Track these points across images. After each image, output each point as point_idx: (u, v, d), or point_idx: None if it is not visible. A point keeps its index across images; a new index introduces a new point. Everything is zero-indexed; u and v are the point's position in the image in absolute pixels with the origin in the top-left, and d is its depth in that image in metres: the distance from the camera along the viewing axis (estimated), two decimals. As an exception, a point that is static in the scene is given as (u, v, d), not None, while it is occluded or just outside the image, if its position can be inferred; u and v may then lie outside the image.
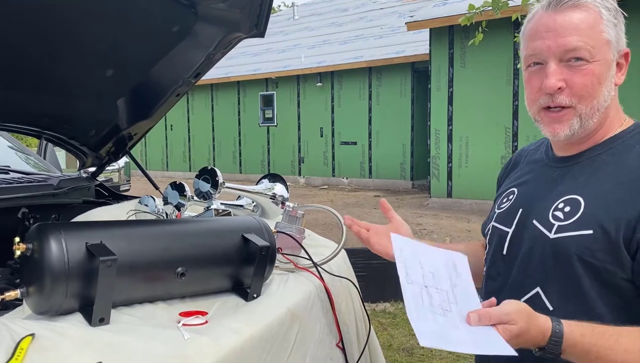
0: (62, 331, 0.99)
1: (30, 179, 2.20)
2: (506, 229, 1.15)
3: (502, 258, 1.14)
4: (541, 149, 1.22)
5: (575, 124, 1.04)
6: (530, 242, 1.08)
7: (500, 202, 1.23)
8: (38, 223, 1.10)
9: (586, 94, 1.02)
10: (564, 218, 1.03)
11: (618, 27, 1.04)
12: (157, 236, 1.21)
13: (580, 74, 1.01)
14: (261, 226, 1.37)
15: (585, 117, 1.04)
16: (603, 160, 1.06)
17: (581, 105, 1.03)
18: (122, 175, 4.82)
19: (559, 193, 1.07)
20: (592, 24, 1.01)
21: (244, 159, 15.23)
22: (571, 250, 1.00)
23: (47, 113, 2.13)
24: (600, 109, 1.04)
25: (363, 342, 1.59)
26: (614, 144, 1.07)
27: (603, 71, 1.02)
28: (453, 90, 9.38)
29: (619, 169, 1.03)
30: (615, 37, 1.04)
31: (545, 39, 1.03)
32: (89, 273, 1.05)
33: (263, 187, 1.94)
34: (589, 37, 1.01)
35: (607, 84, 1.03)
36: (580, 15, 1.01)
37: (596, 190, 1.03)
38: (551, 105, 1.05)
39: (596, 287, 0.99)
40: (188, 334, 1.04)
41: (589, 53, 1.01)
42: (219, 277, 1.28)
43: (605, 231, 0.97)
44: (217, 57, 2.21)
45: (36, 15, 1.65)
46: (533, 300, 1.04)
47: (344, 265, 1.72)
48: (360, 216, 8.61)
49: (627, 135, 1.07)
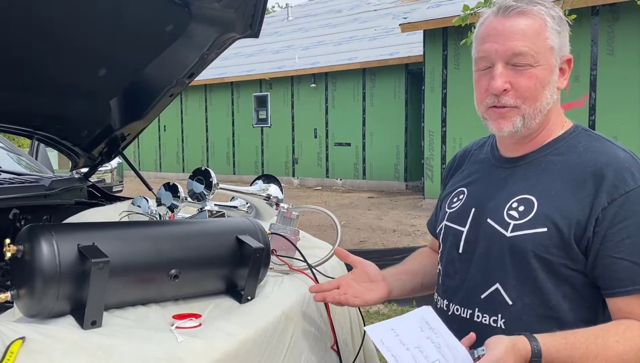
0: (53, 334, 0.98)
1: (22, 180, 2.18)
2: (460, 228, 1.19)
3: (459, 257, 1.18)
4: (486, 149, 1.28)
5: (518, 123, 1.10)
6: (487, 241, 1.13)
7: (450, 201, 1.27)
8: (29, 225, 1.08)
9: (530, 95, 1.08)
10: (519, 217, 1.09)
11: (562, 34, 1.11)
12: (150, 238, 1.19)
13: (524, 76, 1.07)
14: (255, 227, 1.36)
15: (528, 117, 1.10)
16: (550, 161, 1.12)
17: (525, 105, 1.09)
18: (115, 176, 4.80)
19: (511, 193, 1.13)
20: (538, 31, 1.07)
21: (237, 160, 15.19)
22: (527, 247, 1.06)
23: (38, 113, 2.11)
24: (543, 111, 1.10)
25: (358, 344, 1.58)
26: (558, 144, 1.14)
27: (546, 75, 1.08)
28: (447, 91, 9.40)
29: (564, 168, 1.09)
30: (559, 44, 1.10)
31: (493, 42, 1.09)
32: (81, 276, 1.03)
33: (257, 188, 1.93)
34: (533, 43, 1.07)
35: (549, 87, 1.10)
36: (527, 21, 1.07)
37: (547, 189, 1.09)
38: (497, 105, 1.11)
39: (550, 280, 1.06)
40: (181, 337, 1.02)
41: (533, 58, 1.07)
42: (213, 279, 1.27)
43: (558, 229, 1.04)
44: (211, 57, 2.20)
45: (28, 15, 1.63)
46: (493, 296, 1.10)
47: (339, 266, 1.72)
48: (354, 217, 8.62)
49: (569, 136, 1.14)
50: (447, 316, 1.17)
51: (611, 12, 7.71)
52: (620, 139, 7.86)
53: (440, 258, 1.26)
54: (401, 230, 7.72)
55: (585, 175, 1.06)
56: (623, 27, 7.70)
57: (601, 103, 7.97)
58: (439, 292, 1.24)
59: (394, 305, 4.46)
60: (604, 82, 7.91)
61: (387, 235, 7.41)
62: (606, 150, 1.09)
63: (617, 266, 1.01)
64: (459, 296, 1.16)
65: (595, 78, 7.98)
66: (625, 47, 7.69)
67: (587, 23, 7.85)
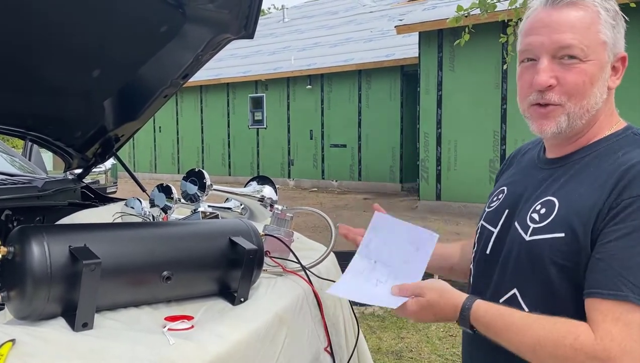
0: (44, 336, 0.97)
1: (15, 181, 2.17)
2: (492, 229, 1.16)
3: (485, 258, 1.16)
4: (536, 149, 1.22)
5: (562, 122, 1.03)
6: (510, 244, 1.10)
7: (491, 200, 1.23)
8: (20, 226, 1.08)
9: (576, 92, 1.01)
10: (539, 220, 1.04)
11: (616, 29, 1.03)
12: (143, 239, 1.19)
13: (572, 72, 1.01)
14: (249, 229, 1.36)
15: (573, 116, 1.03)
16: (586, 163, 1.06)
17: (570, 103, 1.02)
18: (109, 177, 4.78)
19: (539, 195, 1.08)
20: (589, 23, 1.00)
21: (233, 161, 15.17)
22: (544, 252, 1.01)
23: (32, 114, 2.10)
24: (591, 110, 1.03)
25: (352, 346, 1.58)
26: (598, 147, 1.06)
27: (596, 72, 1.01)
28: (442, 93, 9.42)
29: (596, 172, 1.02)
30: (612, 39, 1.03)
31: (539, 34, 1.02)
32: (72, 277, 1.02)
33: (251, 190, 1.92)
34: (583, 36, 1.00)
35: (599, 85, 1.02)
36: (577, 13, 1.01)
37: (571, 192, 1.03)
38: (541, 102, 1.04)
39: (566, 288, 0.99)
40: (173, 339, 1.02)
41: (582, 52, 1.00)
42: (206, 281, 1.27)
43: (575, 234, 0.98)
44: (205, 58, 2.19)
45: (22, 16, 1.62)
46: (510, 302, 1.06)
47: (333, 268, 1.71)
48: (349, 218, 8.62)
49: (613, 138, 1.07)
50: None
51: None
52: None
53: (472, 258, 1.23)
54: (396, 231, 7.72)
55: (611, 178, 0.99)
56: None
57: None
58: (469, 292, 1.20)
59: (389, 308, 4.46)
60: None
61: (383, 237, 7.41)
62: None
63: (595, 266, 0.95)
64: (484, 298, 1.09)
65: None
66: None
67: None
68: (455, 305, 1.04)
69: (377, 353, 3.66)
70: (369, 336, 3.93)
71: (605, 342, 0.89)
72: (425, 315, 1.08)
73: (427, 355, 3.63)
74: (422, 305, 1.07)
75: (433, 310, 1.06)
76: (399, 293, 1.11)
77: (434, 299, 1.06)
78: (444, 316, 1.06)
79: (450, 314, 1.05)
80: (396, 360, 3.59)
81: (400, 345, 3.80)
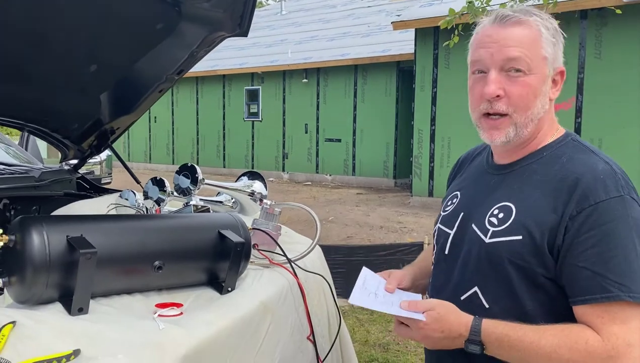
0: (42, 319, 1.04)
1: (12, 171, 2.22)
2: (448, 231, 1.24)
3: (445, 258, 1.24)
4: (483, 154, 1.32)
5: (511, 132, 1.13)
6: (469, 245, 1.17)
7: (446, 204, 1.32)
8: (21, 216, 1.14)
9: (522, 104, 1.11)
10: (498, 224, 1.12)
11: (557, 46, 1.13)
12: (136, 230, 1.26)
13: (517, 84, 1.10)
14: (237, 223, 1.43)
15: (520, 125, 1.12)
16: (533, 170, 1.15)
17: (517, 114, 1.12)
18: (104, 168, 4.83)
19: (494, 200, 1.16)
20: (533, 40, 1.10)
21: (228, 153, 15.19)
22: (503, 254, 1.10)
23: (30, 106, 2.15)
24: (534, 120, 1.13)
25: (334, 335, 1.65)
26: (543, 153, 1.16)
27: (538, 84, 1.11)
28: (437, 90, 9.48)
29: (544, 178, 1.12)
30: (553, 55, 1.12)
31: (489, 48, 1.11)
32: (69, 265, 1.09)
33: (242, 184, 1.99)
34: (528, 51, 1.09)
35: (541, 97, 1.12)
36: (522, 30, 1.10)
37: (526, 198, 1.12)
38: (490, 112, 1.14)
39: (525, 286, 1.08)
40: (163, 325, 1.09)
41: (527, 65, 1.09)
42: (195, 271, 1.34)
43: (532, 237, 1.07)
44: (200, 55, 2.25)
45: (21, 11, 1.67)
46: (471, 299, 1.14)
47: (318, 261, 1.78)
48: (342, 213, 8.69)
49: (556, 145, 1.16)
50: None
51: (599, 17, 7.83)
52: (606, 141, 7.96)
53: (433, 259, 1.32)
54: (388, 227, 7.81)
55: (562, 185, 1.07)
56: (611, 32, 7.81)
57: (587, 106, 8.10)
58: (428, 290, 1.31)
59: (377, 300, 4.53)
60: (591, 85, 8.03)
61: (374, 232, 7.49)
62: (586, 162, 1.09)
63: (579, 275, 1.03)
64: (443, 296, 1.19)
65: (583, 81, 8.09)
66: (612, 51, 7.81)
67: (576, 27, 7.96)
68: (465, 323, 1.07)
69: (364, 346, 3.73)
70: (357, 328, 4.01)
71: (612, 341, 0.99)
72: (434, 331, 1.07)
73: (414, 349, 3.71)
74: (433, 317, 1.07)
75: (442, 325, 1.07)
76: (409, 308, 1.10)
77: (444, 314, 1.08)
78: (451, 334, 1.07)
79: (460, 331, 1.06)
80: (383, 352, 3.67)
81: (388, 338, 3.88)
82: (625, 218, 1.02)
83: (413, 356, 3.58)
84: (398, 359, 3.53)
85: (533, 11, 1.13)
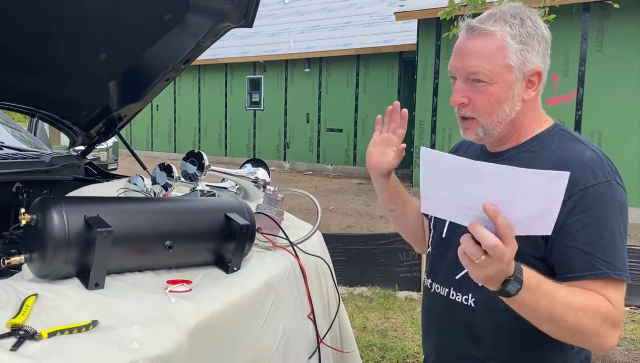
0: (62, 292, 1.12)
1: (24, 156, 2.30)
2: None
3: (442, 242, 1.32)
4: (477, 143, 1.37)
5: (480, 132, 1.21)
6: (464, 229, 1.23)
7: None
8: (41, 197, 1.21)
9: (485, 110, 1.18)
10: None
11: (526, 50, 1.17)
12: (148, 212, 1.33)
13: (480, 93, 1.17)
14: (243, 206, 1.50)
15: (487, 128, 1.20)
16: (524, 158, 1.22)
17: (482, 118, 1.19)
18: (110, 154, 4.91)
19: None
20: (494, 51, 1.15)
21: (229, 142, 15.25)
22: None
23: (42, 93, 2.22)
24: (503, 121, 1.19)
25: (333, 315, 1.73)
26: (534, 143, 1.23)
27: (502, 92, 1.16)
28: (438, 81, 9.52)
29: (536, 164, 1.16)
30: (521, 61, 1.16)
31: (456, 59, 1.19)
32: (87, 243, 1.17)
33: (246, 171, 2.06)
34: (488, 62, 1.15)
35: (507, 102, 1.18)
36: (484, 43, 1.16)
37: None
38: (459, 115, 1.23)
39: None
40: (174, 299, 1.17)
41: (487, 76, 1.15)
42: (203, 251, 1.41)
43: None
44: (206, 45, 2.31)
45: (33, 1, 1.73)
46: (465, 277, 1.18)
47: (319, 245, 1.86)
48: (342, 203, 8.77)
49: (546, 134, 1.23)
50: (430, 293, 1.33)
51: (602, 10, 7.84)
52: (606, 134, 7.99)
53: (430, 242, 1.39)
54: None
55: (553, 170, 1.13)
56: (612, 24, 7.83)
57: (588, 99, 8.14)
58: (426, 272, 1.39)
59: (377, 289, 4.62)
60: (592, 78, 8.06)
61: (374, 221, 7.57)
62: (575, 150, 1.16)
63: (570, 254, 1.10)
64: (439, 276, 1.29)
65: (584, 74, 8.12)
66: (614, 44, 7.84)
67: (578, 19, 7.98)
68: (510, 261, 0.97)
69: (362, 332, 3.81)
70: (356, 315, 4.09)
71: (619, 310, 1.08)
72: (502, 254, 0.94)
73: (411, 335, 3.79)
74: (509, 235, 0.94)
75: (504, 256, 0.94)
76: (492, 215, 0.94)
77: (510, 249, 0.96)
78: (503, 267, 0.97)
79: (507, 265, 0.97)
80: (381, 338, 3.75)
81: (386, 325, 3.96)
82: (612, 202, 1.11)
83: (410, 342, 3.67)
84: (395, 345, 3.61)
85: (505, 16, 1.17)
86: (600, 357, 3.42)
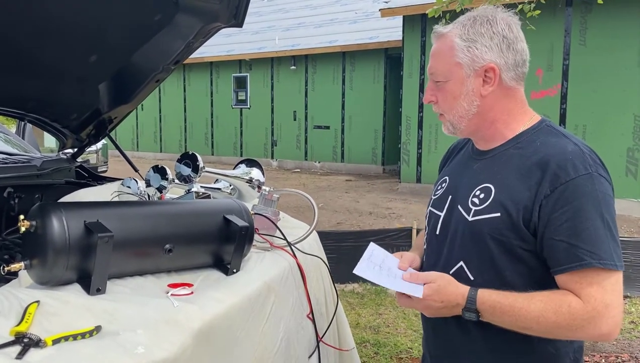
0: (64, 299, 1.12)
1: (15, 160, 2.27)
2: (439, 213, 1.36)
3: (436, 238, 1.36)
4: (470, 143, 1.44)
5: (450, 127, 1.31)
6: (455, 225, 1.30)
7: (436, 188, 1.44)
8: (39, 203, 1.20)
9: (445, 106, 1.29)
10: (479, 203, 1.25)
11: (474, 48, 1.23)
12: (148, 216, 1.33)
13: (440, 91, 1.29)
14: (241, 208, 1.50)
15: (453, 122, 1.30)
16: (511, 154, 1.27)
17: (446, 114, 1.30)
18: (100, 157, 4.86)
19: (477, 182, 1.29)
20: (445, 51, 1.26)
21: (216, 141, 15.18)
22: (484, 230, 1.22)
23: (31, 96, 2.20)
24: (465, 116, 1.28)
25: (331, 314, 1.74)
26: (520, 139, 1.28)
27: (456, 88, 1.26)
28: (424, 77, 9.56)
29: (520, 161, 1.24)
30: (470, 58, 1.23)
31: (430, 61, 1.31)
32: (87, 248, 1.16)
33: (240, 172, 2.06)
34: (441, 63, 1.27)
35: (464, 97, 1.26)
36: (439, 44, 1.28)
37: (504, 179, 1.24)
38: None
39: (505, 259, 1.21)
40: (177, 302, 1.17)
41: (442, 76, 1.27)
42: (203, 254, 1.41)
43: (509, 213, 1.19)
44: (196, 46, 2.30)
45: (22, 3, 1.71)
46: (458, 272, 1.26)
47: (316, 245, 1.87)
48: (331, 200, 8.79)
49: (531, 131, 1.28)
50: None
51: (584, 4, 7.94)
52: (590, 127, 8.10)
53: (425, 240, 1.44)
54: (377, 212, 7.92)
55: (536, 166, 1.18)
56: (595, 19, 7.94)
57: (572, 92, 8.24)
58: (422, 268, 1.42)
59: (368, 285, 4.64)
60: (576, 72, 8.17)
61: (364, 218, 7.60)
62: (557, 144, 1.20)
63: (556, 247, 1.14)
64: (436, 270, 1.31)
65: (568, 68, 8.22)
66: (597, 38, 7.94)
67: (561, 14, 8.07)
68: (462, 293, 1.18)
69: (355, 328, 3.83)
70: (348, 312, 4.10)
71: (592, 303, 1.11)
72: (434, 301, 1.19)
73: (403, 330, 3.82)
74: (434, 289, 1.19)
75: (441, 295, 1.18)
76: (411, 279, 1.23)
77: (444, 285, 1.19)
78: (450, 303, 1.19)
79: (457, 301, 1.18)
80: (374, 334, 3.77)
81: (378, 321, 3.98)
82: (593, 193, 1.14)
83: (403, 337, 3.69)
84: (388, 340, 3.64)
85: (464, 19, 1.26)
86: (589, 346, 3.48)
